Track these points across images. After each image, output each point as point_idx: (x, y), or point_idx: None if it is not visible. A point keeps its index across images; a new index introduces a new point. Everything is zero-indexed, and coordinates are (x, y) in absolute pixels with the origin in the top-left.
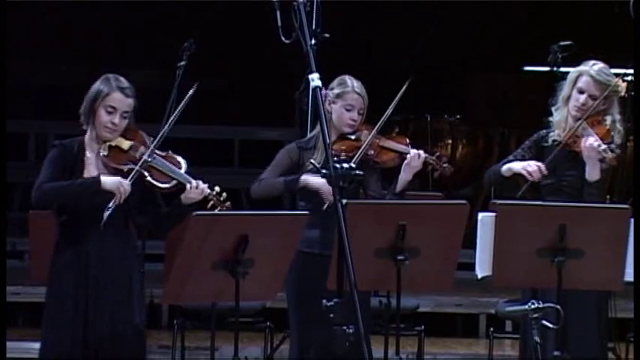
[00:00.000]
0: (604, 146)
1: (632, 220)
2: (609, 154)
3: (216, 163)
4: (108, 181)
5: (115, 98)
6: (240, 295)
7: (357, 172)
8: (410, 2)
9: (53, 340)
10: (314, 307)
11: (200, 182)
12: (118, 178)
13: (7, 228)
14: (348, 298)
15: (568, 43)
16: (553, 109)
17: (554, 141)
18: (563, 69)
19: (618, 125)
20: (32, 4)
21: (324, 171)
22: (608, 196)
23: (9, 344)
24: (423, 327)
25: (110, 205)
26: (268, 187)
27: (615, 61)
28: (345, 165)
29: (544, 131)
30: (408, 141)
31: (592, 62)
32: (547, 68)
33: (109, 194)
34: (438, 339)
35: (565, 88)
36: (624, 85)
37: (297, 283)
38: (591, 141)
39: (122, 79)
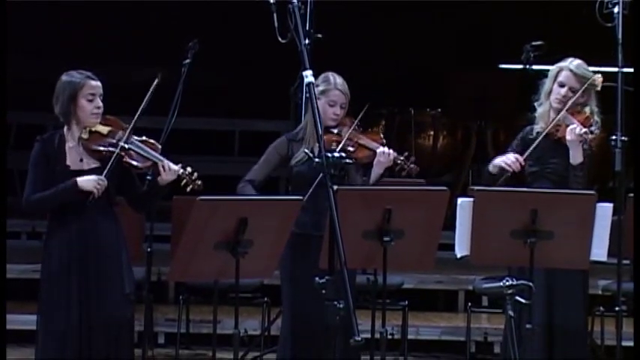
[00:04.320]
0: (585, 129)
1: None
2: (589, 136)
3: (218, 152)
4: (84, 181)
5: (90, 85)
6: (239, 272)
7: (347, 160)
8: (395, 4)
9: (48, 316)
10: (306, 283)
11: (171, 164)
12: (93, 177)
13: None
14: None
15: (539, 43)
16: (536, 104)
17: (537, 133)
18: (535, 67)
19: (596, 117)
20: (48, 7)
21: (316, 159)
22: None
23: (30, 317)
24: (406, 302)
25: (90, 199)
26: (240, 192)
27: (581, 59)
28: (336, 154)
29: (528, 127)
30: (381, 137)
31: (570, 59)
32: (520, 66)
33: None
34: (420, 313)
35: (547, 83)
36: (601, 79)
37: (290, 261)
38: (573, 126)
39: (81, 70)
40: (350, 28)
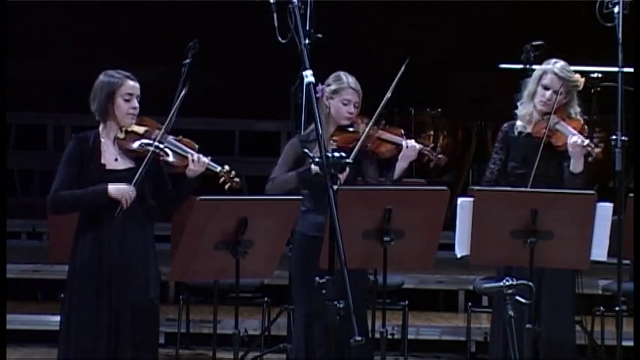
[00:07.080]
0: (587, 141)
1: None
2: (595, 149)
3: (219, 152)
4: (114, 189)
5: (128, 85)
6: (240, 272)
7: (347, 160)
8: (395, 4)
9: (75, 316)
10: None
11: (201, 156)
12: (124, 186)
13: (28, 211)
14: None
15: (540, 42)
16: (518, 103)
17: (519, 132)
18: (535, 67)
19: (579, 116)
20: (50, 7)
21: (317, 159)
22: None
23: (29, 317)
24: (407, 302)
25: (118, 211)
26: (282, 182)
27: (581, 59)
28: (336, 154)
29: (506, 125)
30: (402, 132)
31: (554, 60)
32: (520, 66)
33: (116, 201)
34: (420, 313)
35: (530, 85)
36: (583, 80)
37: (302, 263)
38: (575, 139)
39: (120, 70)
40: (350, 28)
